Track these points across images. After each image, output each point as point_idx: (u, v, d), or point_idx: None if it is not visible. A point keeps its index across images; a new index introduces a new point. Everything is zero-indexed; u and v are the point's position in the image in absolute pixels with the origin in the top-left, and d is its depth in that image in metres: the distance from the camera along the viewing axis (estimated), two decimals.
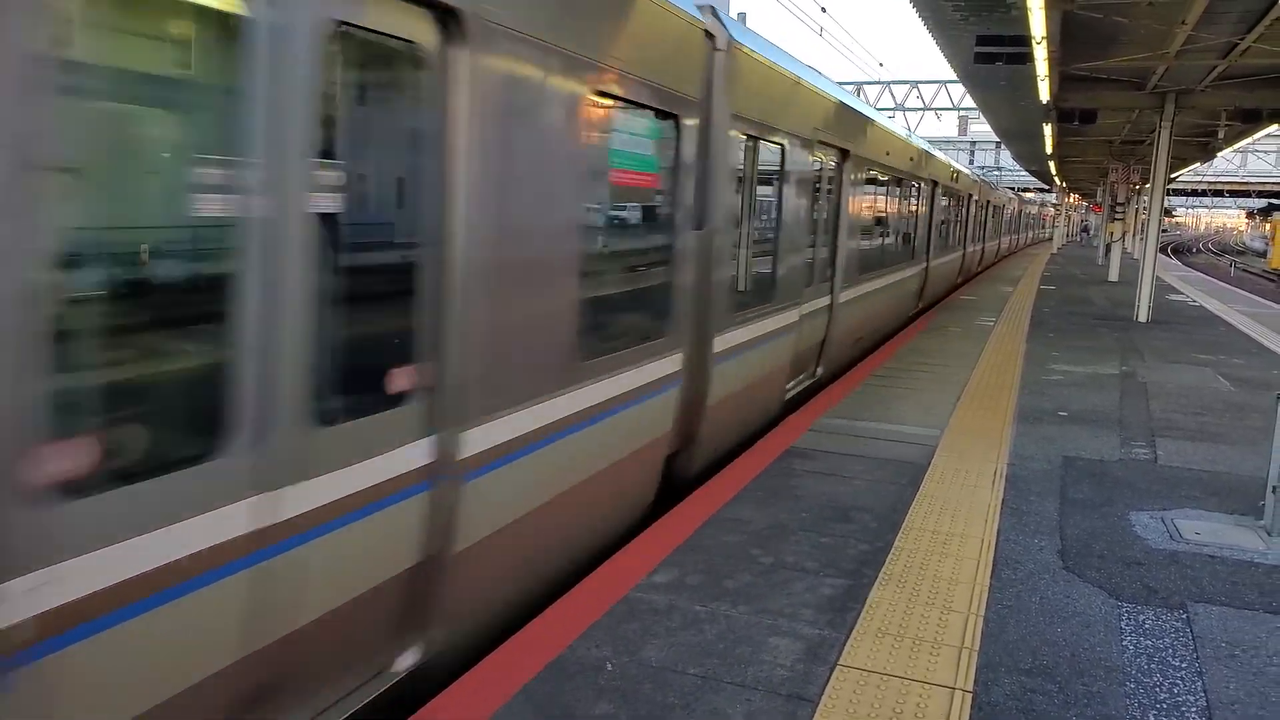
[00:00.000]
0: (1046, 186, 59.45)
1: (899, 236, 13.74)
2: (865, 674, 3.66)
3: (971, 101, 27.62)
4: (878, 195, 11.99)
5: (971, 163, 57.20)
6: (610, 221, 5.30)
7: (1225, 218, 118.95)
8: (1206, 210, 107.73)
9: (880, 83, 45.85)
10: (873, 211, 11.60)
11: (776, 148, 7.36)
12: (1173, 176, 27.77)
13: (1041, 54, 12.17)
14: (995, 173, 57.12)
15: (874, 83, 45.73)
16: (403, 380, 3.31)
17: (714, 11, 5.92)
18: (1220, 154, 26.46)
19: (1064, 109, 17.49)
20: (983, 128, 49.69)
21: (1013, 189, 50.30)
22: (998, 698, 3.56)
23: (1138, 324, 16.12)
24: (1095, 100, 17.04)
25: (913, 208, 14.75)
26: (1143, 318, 16.54)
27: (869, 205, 11.17)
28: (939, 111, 47.88)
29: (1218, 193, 67.44)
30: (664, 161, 5.58)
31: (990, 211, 28.56)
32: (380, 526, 3.23)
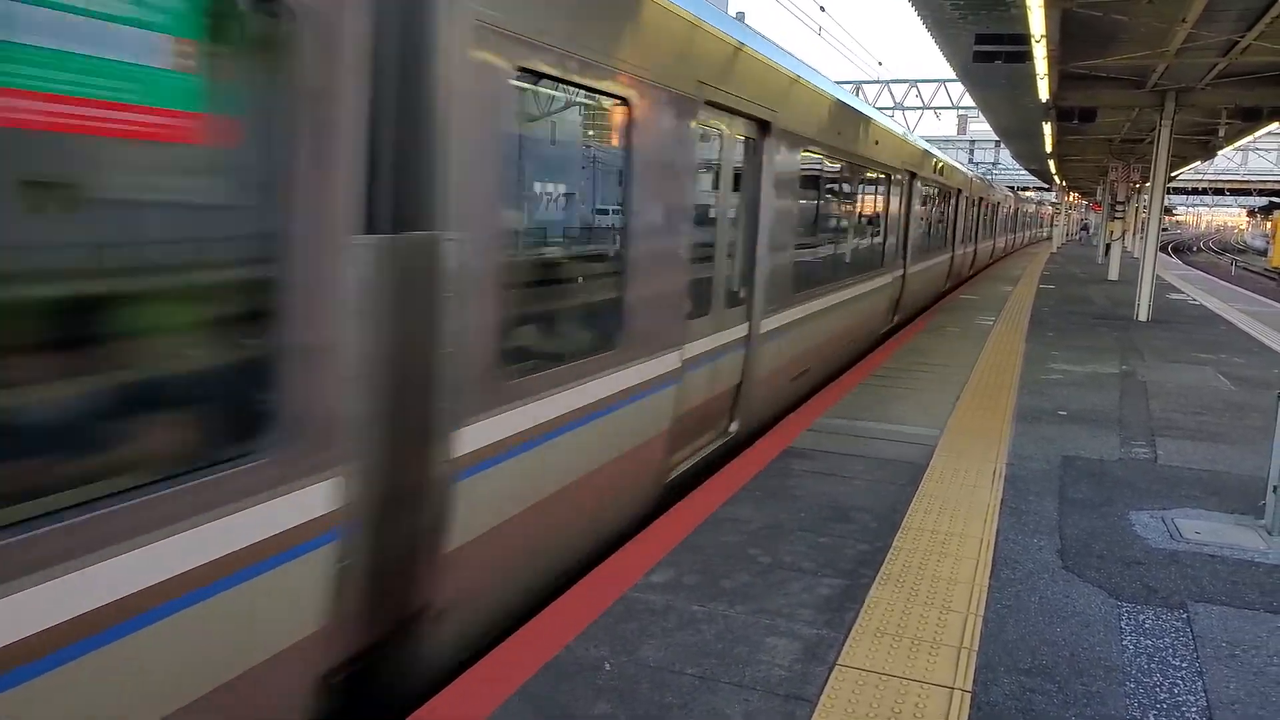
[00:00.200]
0: (1046, 185, 59.49)
1: (864, 239, 11.60)
2: (864, 674, 3.65)
3: (971, 100, 27.62)
4: (828, 187, 9.60)
5: (971, 161, 57.21)
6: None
7: (1226, 216, 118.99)
8: (1207, 209, 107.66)
9: (879, 81, 45.92)
10: (819, 208, 9.23)
11: (608, 102, 4.78)
12: (1173, 175, 27.69)
13: (1041, 52, 12.15)
14: (993, 168, 57.19)
15: (873, 82, 45.81)
16: None
17: None
18: (1221, 152, 26.46)
19: (1063, 107, 17.48)
20: (982, 126, 49.71)
21: (1012, 187, 50.28)
22: (997, 697, 3.55)
23: (1138, 323, 16.10)
24: (1095, 99, 17.03)
25: (883, 204, 12.54)
26: (1143, 317, 16.52)
27: (811, 200, 8.83)
28: (938, 110, 47.87)
29: (1218, 191, 67.36)
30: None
31: (983, 209, 27.04)
32: None
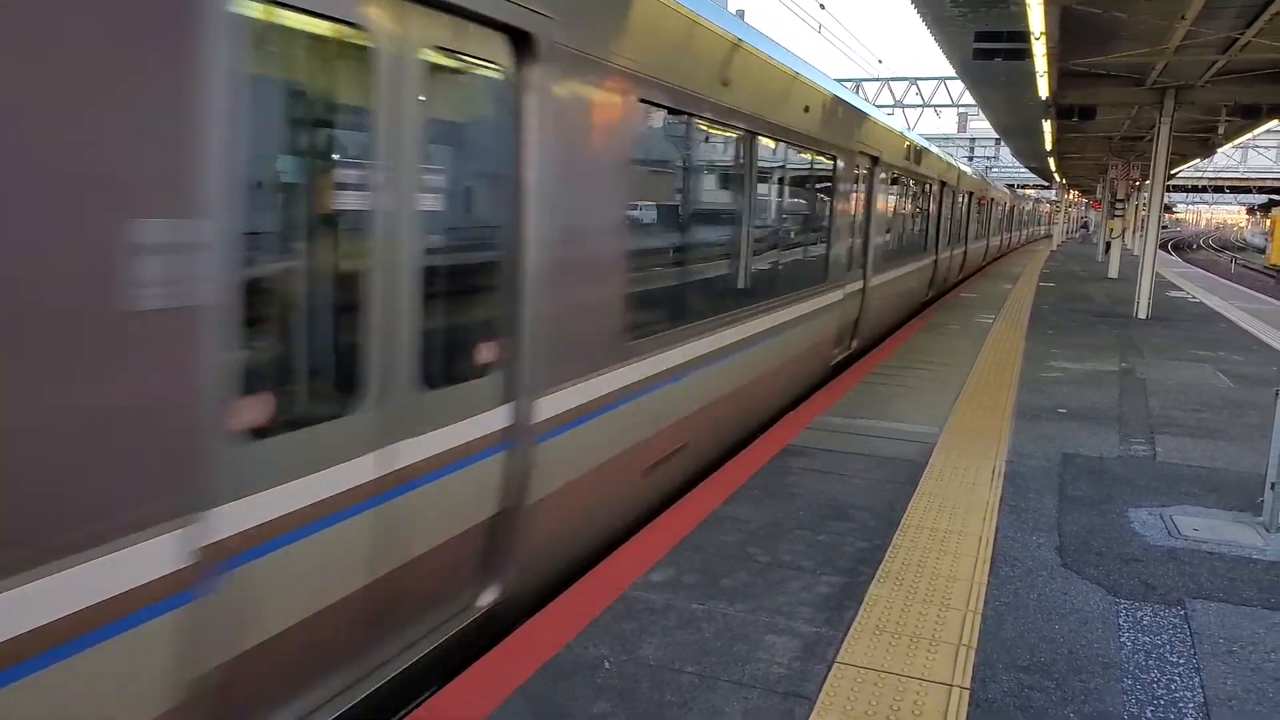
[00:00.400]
0: (1046, 183, 59.47)
1: (798, 245, 8.90)
2: (863, 671, 3.66)
3: (970, 98, 27.58)
4: (724, 166, 6.91)
5: (971, 159, 57.21)
6: None
7: (1226, 214, 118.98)
8: (1207, 206, 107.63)
9: (879, 79, 45.90)
10: (700, 198, 6.58)
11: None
12: (1173, 172, 27.72)
13: (1040, 50, 12.15)
14: (993, 164, 57.16)
15: (873, 79, 45.78)
16: None
17: None
18: (1220, 150, 26.44)
19: (1063, 105, 17.49)
20: (982, 124, 49.76)
21: (1011, 186, 50.22)
22: (995, 694, 3.55)
23: (1137, 321, 16.11)
24: (1094, 96, 17.03)
25: (829, 199, 9.69)
26: (1142, 314, 16.52)
27: (692, 185, 6.30)
28: (938, 108, 47.87)
29: (1218, 189, 67.30)
30: None
31: (976, 206, 25.30)
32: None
